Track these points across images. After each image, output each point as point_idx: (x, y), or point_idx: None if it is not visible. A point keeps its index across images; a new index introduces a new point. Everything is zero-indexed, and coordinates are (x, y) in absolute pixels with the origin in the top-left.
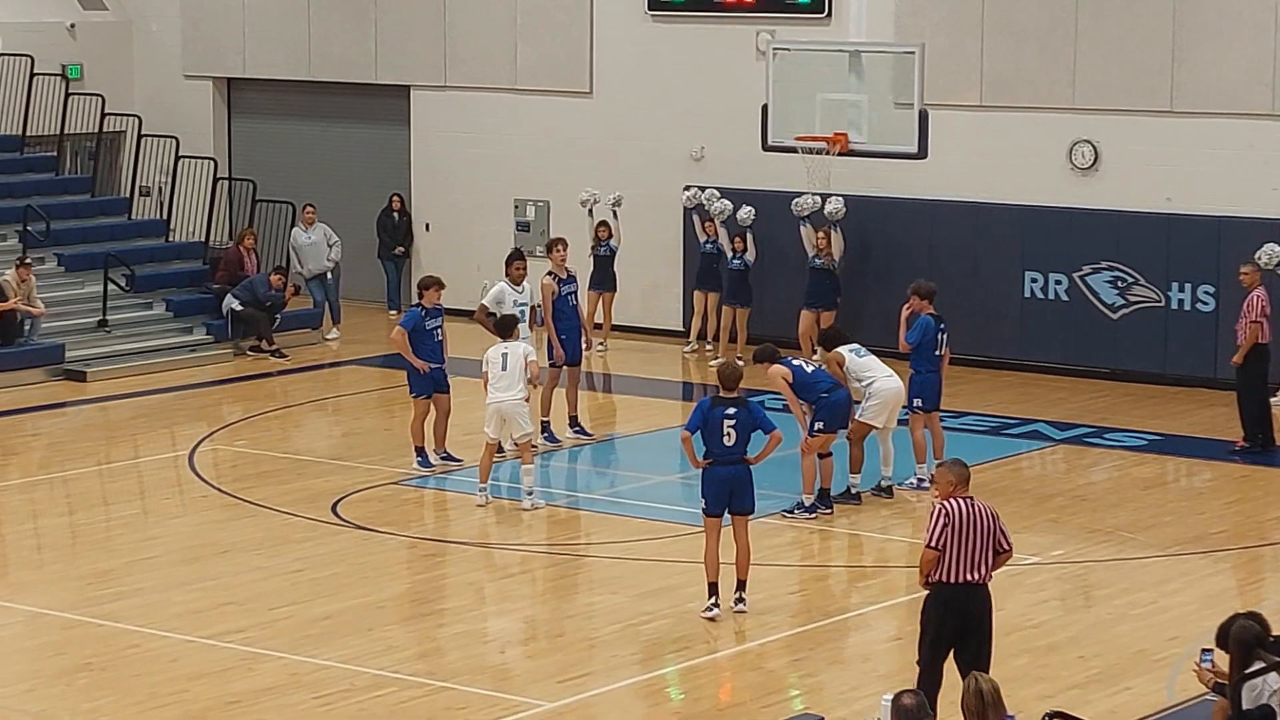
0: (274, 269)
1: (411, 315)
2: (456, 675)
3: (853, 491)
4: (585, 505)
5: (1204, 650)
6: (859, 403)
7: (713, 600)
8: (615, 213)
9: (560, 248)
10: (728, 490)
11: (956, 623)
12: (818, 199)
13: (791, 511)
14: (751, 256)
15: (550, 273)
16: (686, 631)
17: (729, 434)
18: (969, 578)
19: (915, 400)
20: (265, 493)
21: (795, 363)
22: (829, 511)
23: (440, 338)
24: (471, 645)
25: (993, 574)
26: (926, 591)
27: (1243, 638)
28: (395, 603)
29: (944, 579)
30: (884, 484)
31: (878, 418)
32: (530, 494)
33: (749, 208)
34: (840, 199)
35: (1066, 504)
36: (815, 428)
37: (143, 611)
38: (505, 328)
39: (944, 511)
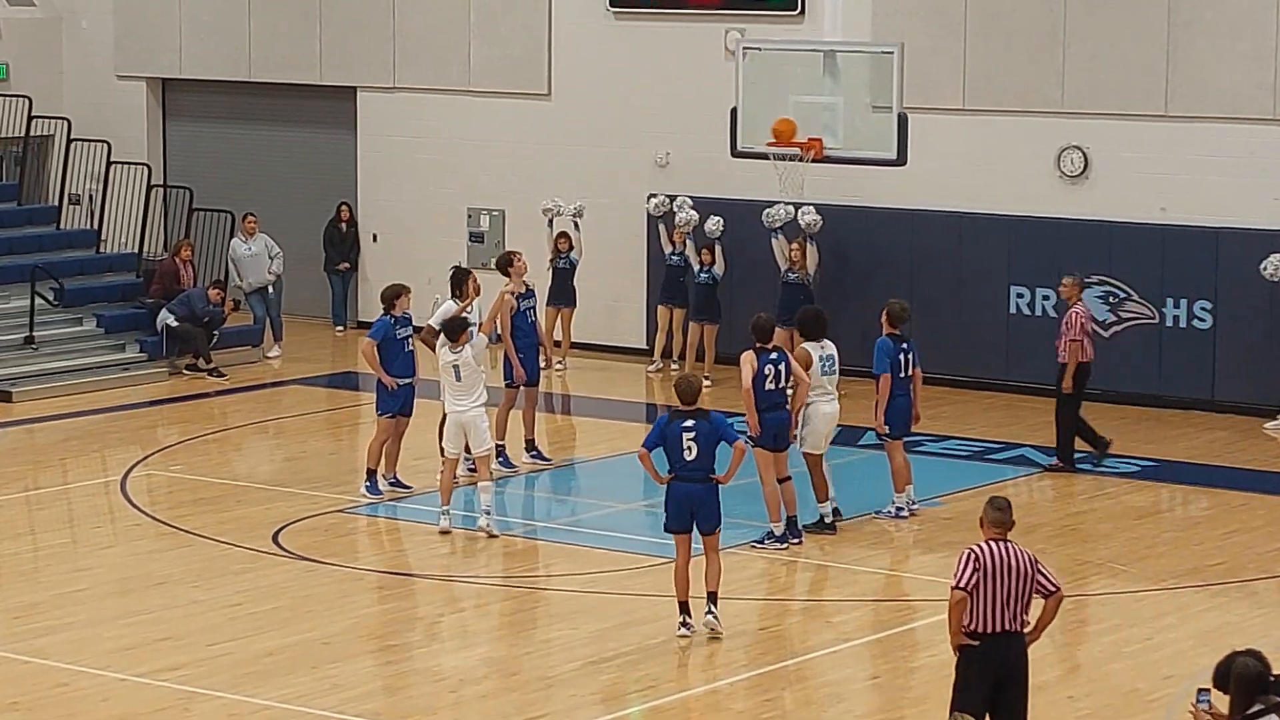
0: (212, 282)
1: (381, 325)
2: (407, 716)
3: (825, 520)
4: (544, 534)
5: (1201, 690)
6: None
7: (683, 619)
8: (576, 223)
9: (519, 259)
10: (689, 508)
11: (993, 677)
12: (791, 209)
13: (761, 542)
14: (720, 269)
15: (510, 289)
16: (651, 669)
17: (689, 448)
18: (1005, 626)
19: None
20: (202, 521)
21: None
22: (798, 541)
23: (411, 348)
24: (423, 684)
25: (1049, 621)
26: (958, 645)
27: (1243, 677)
28: (341, 638)
29: (978, 629)
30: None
31: (817, 446)
32: (488, 512)
33: (717, 217)
34: (814, 209)
35: (1055, 534)
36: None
37: (72, 647)
38: (454, 331)
39: (973, 555)
